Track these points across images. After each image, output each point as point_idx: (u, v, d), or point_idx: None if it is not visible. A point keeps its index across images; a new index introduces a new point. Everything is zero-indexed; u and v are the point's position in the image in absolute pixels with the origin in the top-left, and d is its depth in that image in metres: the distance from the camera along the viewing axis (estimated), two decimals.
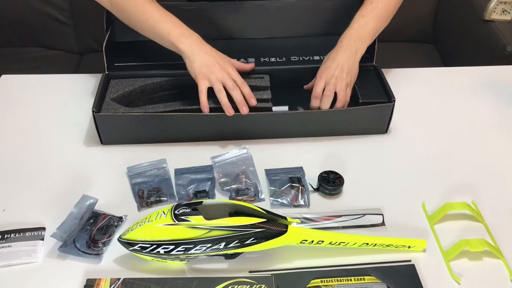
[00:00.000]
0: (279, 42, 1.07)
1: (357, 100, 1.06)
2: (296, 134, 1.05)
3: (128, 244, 0.77)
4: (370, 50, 1.14)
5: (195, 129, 1.02)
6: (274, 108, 1.03)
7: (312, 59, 1.15)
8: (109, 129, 1.01)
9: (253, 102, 0.99)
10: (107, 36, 1.10)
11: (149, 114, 1.01)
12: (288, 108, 1.06)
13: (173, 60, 1.11)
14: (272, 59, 1.14)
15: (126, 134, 1.02)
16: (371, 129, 1.06)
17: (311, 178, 0.95)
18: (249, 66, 1.08)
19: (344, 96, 1.02)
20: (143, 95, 1.09)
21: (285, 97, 1.06)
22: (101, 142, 1.03)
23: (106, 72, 1.10)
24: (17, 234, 0.84)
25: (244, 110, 0.98)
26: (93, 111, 0.99)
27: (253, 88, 1.08)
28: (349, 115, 1.03)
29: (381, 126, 1.06)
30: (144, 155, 0.99)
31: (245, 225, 0.75)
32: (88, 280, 0.76)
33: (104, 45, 1.07)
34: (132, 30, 1.08)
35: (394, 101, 1.02)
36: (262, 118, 1.02)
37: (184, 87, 1.10)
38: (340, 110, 1.03)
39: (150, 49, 1.18)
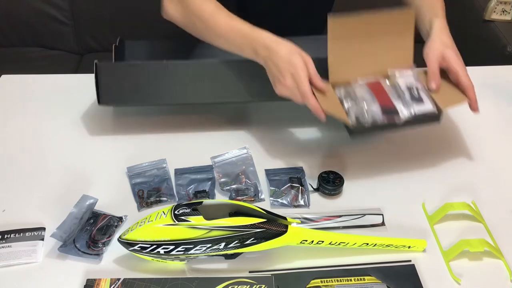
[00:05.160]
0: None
1: None
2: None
3: (128, 244, 0.77)
4: None
5: (197, 87, 0.99)
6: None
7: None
8: (109, 83, 0.97)
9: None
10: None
11: (153, 62, 0.98)
12: None
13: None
14: None
15: (127, 90, 0.98)
16: None
17: (311, 178, 0.95)
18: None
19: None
20: None
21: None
22: (99, 102, 0.99)
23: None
24: (17, 234, 0.84)
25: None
26: (95, 63, 0.97)
27: None
28: None
29: None
30: (144, 155, 0.99)
31: (245, 225, 0.75)
32: (88, 280, 0.76)
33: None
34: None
35: None
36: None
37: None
38: None
39: (155, 50, 1.18)
